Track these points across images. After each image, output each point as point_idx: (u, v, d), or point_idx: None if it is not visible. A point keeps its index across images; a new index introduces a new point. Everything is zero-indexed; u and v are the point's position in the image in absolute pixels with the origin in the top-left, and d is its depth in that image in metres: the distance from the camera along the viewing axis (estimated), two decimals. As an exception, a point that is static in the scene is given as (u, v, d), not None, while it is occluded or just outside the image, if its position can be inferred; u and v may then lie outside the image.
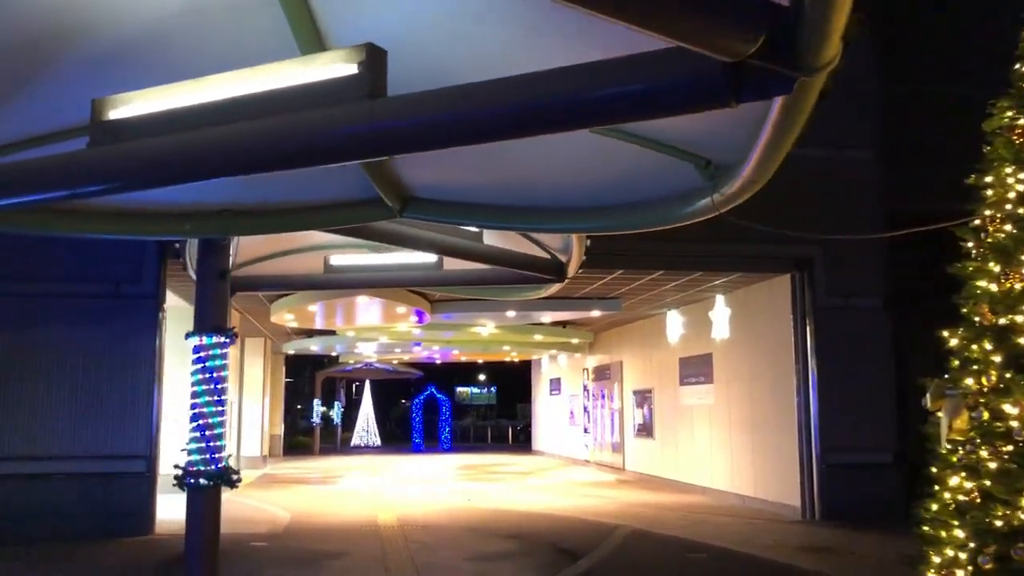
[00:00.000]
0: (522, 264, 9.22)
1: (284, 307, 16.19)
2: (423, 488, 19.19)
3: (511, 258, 9.10)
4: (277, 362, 32.56)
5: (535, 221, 5.98)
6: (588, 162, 4.97)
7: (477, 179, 5.60)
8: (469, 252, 8.57)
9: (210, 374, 6.36)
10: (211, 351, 6.37)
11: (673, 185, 4.96)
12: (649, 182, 5.19)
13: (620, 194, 5.41)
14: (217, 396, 6.34)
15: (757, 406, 15.32)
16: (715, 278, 14.75)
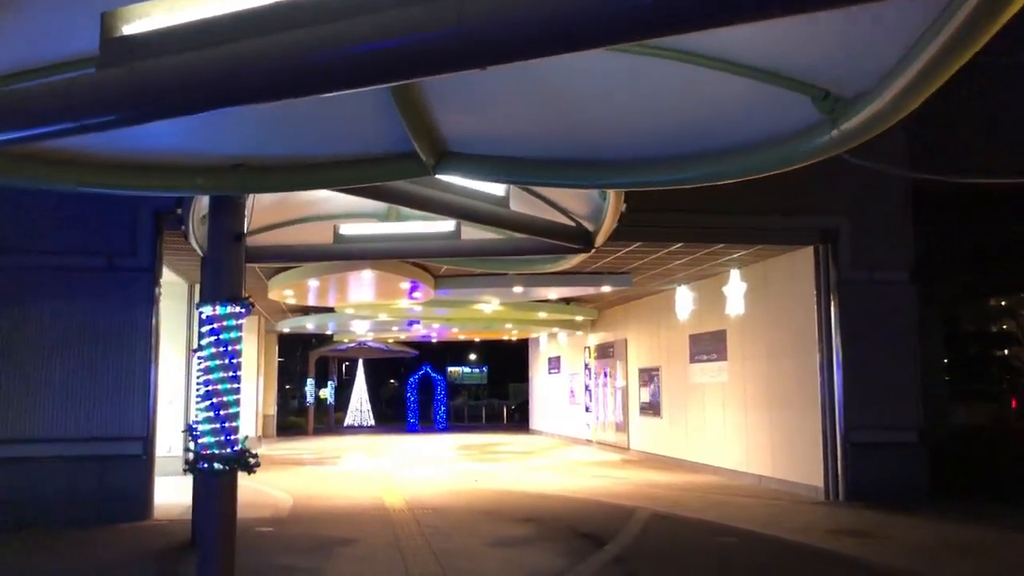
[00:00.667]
0: (549, 232, 8.62)
1: (283, 283, 15.55)
2: (425, 469, 18.66)
3: (538, 226, 8.50)
4: (270, 341, 31.95)
5: (600, 176, 5.32)
6: (671, 100, 4.34)
7: (528, 128, 4.98)
8: (495, 218, 7.96)
9: (224, 348, 5.75)
10: (225, 322, 5.76)
11: (778, 124, 4.31)
12: (748, 121, 4.56)
13: (713, 137, 4.77)
14: (232, 372, 5.74)
15: (776, 384, 14.81)
16: (735, 251, 14.19)
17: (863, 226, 13.48)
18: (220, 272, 5.96)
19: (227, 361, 5.76)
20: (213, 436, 5.78)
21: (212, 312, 5.79)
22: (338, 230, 9.62)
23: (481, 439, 29.58)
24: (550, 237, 8.68)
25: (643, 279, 17.33)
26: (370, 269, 13.87)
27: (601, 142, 4.98)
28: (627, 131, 4.81)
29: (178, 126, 5.04)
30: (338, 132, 5.35)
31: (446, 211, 7.70)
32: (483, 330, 25.72)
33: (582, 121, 4.73)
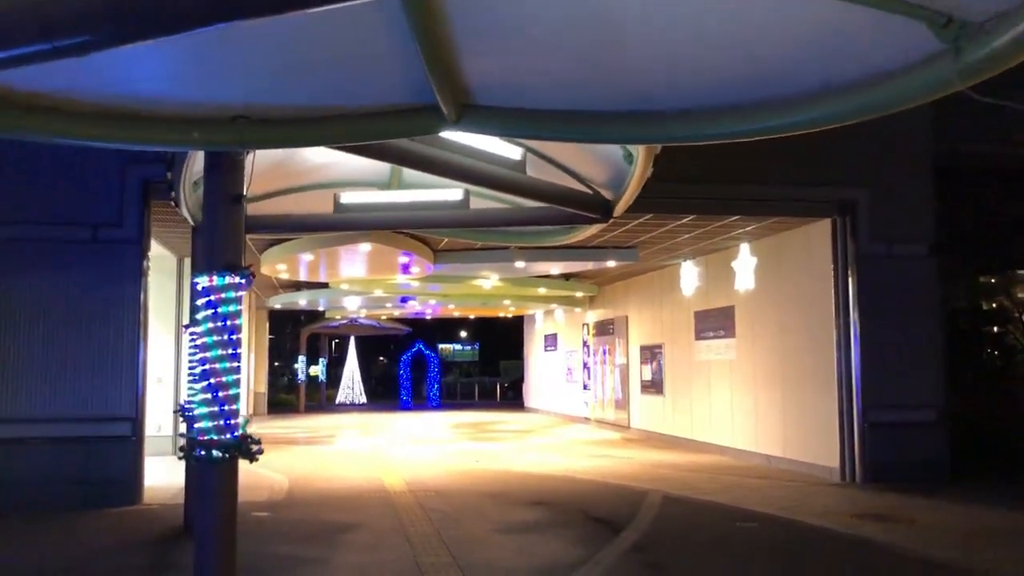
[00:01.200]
0: (566, 200, 8.04)
1: (276, 257, 14.94)
2: (423, 448, 18.15)
3: (556, 193, 7.91)
4: (261, 318, 31.39)
5: (655, 129, 4.67)
6: (750, 32, 3.74)
7: (568, 70, 4.38)
8: (511, 184, 7.38)
9: (223, 323, 5.16)
10: (223, 295, 5.16)
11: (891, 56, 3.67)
12: (846, 54, 3.97)
13: (800, 78, 4.19)
14: (231, 350, 5.17)
15: (788, 361, 14.33)
16: (749, 223, 13.65)
17: (882, 197, 12.96)
18: (217, 238, 5.36)
19: (226, 337, 5.17)
20: (211, 420, 5.20)
21: (209, 283, 5.20)
22: (338, 199, 9.01)
23: (476, 417, 29.11)
24: (567, 205, 8.10)
25: (648, 254, 16.80)
26: (367, 242, 13.28)
27: (656, 86, 4.39)
28: (691, 73, 4.21)
29: (171, 70, 4.44)
30: (348, 80, 4.74)
31: (458, 175, 7.11)
32: (480, 307, 25.19)
33: (636, 59, 4.12)
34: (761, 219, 13.36)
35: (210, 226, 5.47)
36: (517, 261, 16.21)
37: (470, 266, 16.84)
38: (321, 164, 9.46)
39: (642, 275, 20.75)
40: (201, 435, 5.22)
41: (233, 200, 5.42)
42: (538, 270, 18.00)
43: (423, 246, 15.01)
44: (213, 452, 5.17)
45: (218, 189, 5.44)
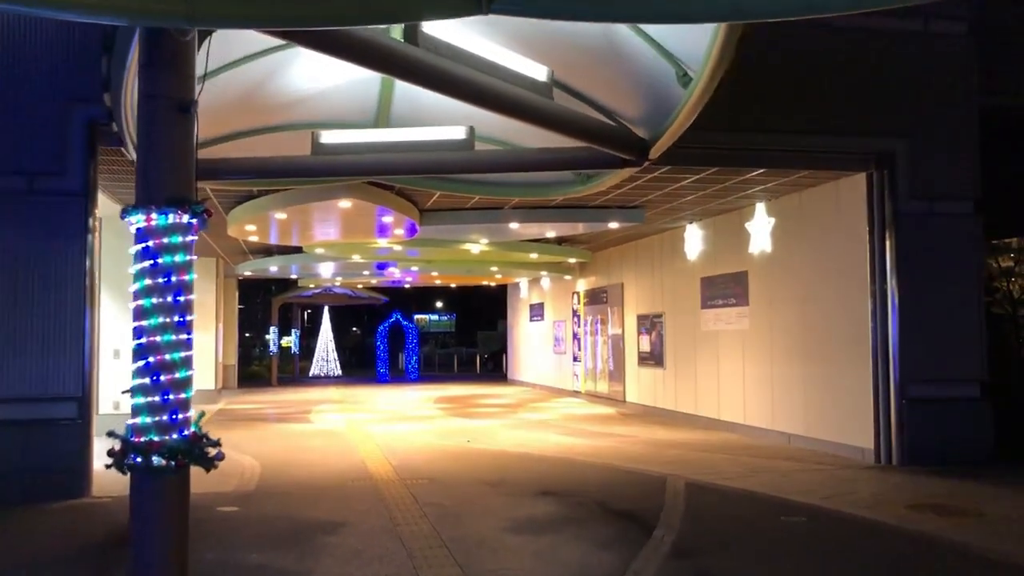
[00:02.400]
0: (600, 136, 6.62)
1: (246, 215, 13.39)
2: (407, 426, 16.77)
3: (588, 127, 6.49)
4: (230, 287, 29.75)
5: None
6: None
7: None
8: (533, 111, 5.95)
9: (165, 279, 3.72)
10: (166, 239, 3.72)
11: None
12: None
13: None
14: (178, 317, 3.73)
15: (811, 331, 13.06)
16: (771, 178, 12.28)
17: (923, 150, 11.65)
18: (156, 162, 3.88)
19: (169, 300, 3.75)
20: (150, 414, 3.76)
21: (146, 223, 3.75)
22: (317, 138, 7.52)
23: (458, 391, 27.76)
24: (600, 143, 6.68)
25: (654, 215, 15.42)
26: (347, 199, 11.78)
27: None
28: None
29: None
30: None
31: (469, 94, 5.64)
32: (465, 274, 23.73)
33: None
34: (788, 173, 12.00)
35: (147, 145, 3.98)
36: (511, 222, 14.77)
37: (459, 228, 15.37)
38: (296, 99, 7.97)
39: (640, 239, 19.39)
40: (137, 435, 3.77)
41: (179, 108, 3.95)
42: (531, 232, 16.56)
43: (408, 204, 13.52)
44: (153, 458, 3.73)
45: (158, 92, 3.95)
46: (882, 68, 11.70)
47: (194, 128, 4.08)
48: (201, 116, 7.18)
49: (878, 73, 11.68)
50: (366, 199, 11.85)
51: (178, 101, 3.94)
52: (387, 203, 12.49)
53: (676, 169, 11.50)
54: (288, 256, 20.36)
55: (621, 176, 8.58)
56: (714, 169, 11.54)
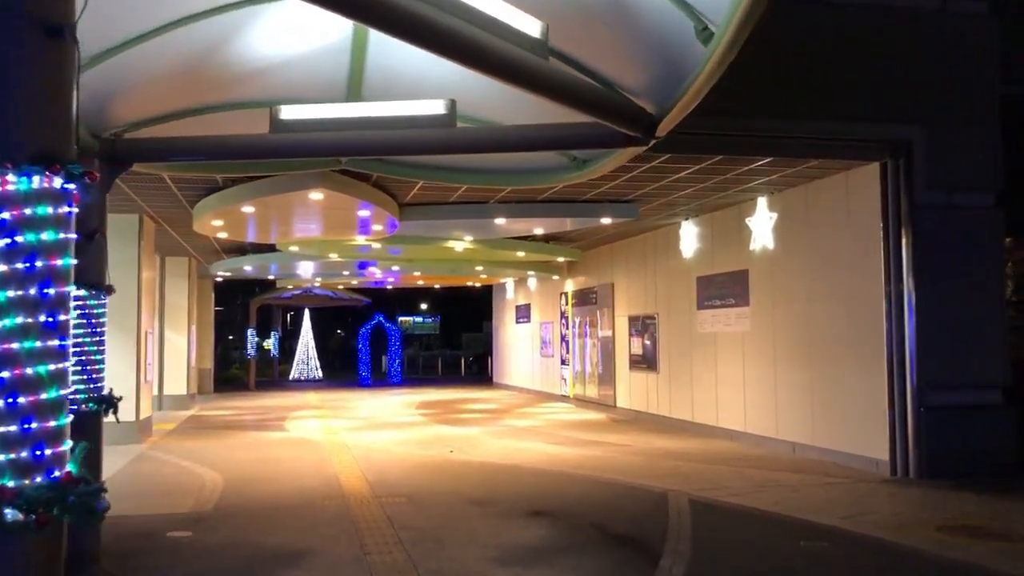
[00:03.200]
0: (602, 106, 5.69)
1: (210, 209, 12.40)
2: (386, 434, 15.79)
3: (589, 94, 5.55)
4: (205, 288, 28.69)
5: None
6: None
7: None
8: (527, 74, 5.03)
9: (28, 264, 2.76)
10: (29, 209, 2.76)
11: None
12: None
13: None
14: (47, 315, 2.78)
15: (818, 333, 12.18)
16: (777, 169, 11.39)
17: (941, 137, 10.80)
18: (15, 104, 2.93)
19: (34, 293, 2.79)
20: (3, 450, 2.80)
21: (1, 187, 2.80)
22: (277, 114, 6.56)
23: (442, 395, 26.79)
24: (602, 115, 5.75)
25: (647, 210, 14.52)
26: (318, 190, 10.82)
27: None
28: None
29: None
30: None
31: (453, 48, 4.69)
32: (448, 274, 22.77)
33: None
34: (795, 163, 11.11)
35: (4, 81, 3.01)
36: (497, 218, 13.84)
37: (441, 223, 14.44)
38: (254, 70, 7.00)
39: (632, 237, 18.50)
40: (-11, 477, 2.80)
41: (48, 32, 3.00)
42: (519, 229, 15.63)
43: (387, 198, 12.57)
44: (6, 511, 2.75)
45: (13, 6, 2.97)
46: (898, 49, 10.85)
47: (73, 61, 3.13)
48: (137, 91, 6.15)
49: (894, 55, 10.83)
50: (339, 190, 10.89)
51: (44, 21, 2.98)
52: (363, 195, 11.54)
53: (676, 158, 10.60)
54: (263, 255, 19.35)
55: (621, 159, 7.66)
56: (719, 158, 10.64)
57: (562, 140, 6.44)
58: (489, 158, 9.57)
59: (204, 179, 11.47)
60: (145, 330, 15.06)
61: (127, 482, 10.67)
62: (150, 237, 15.54)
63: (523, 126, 6.44)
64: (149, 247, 15.48)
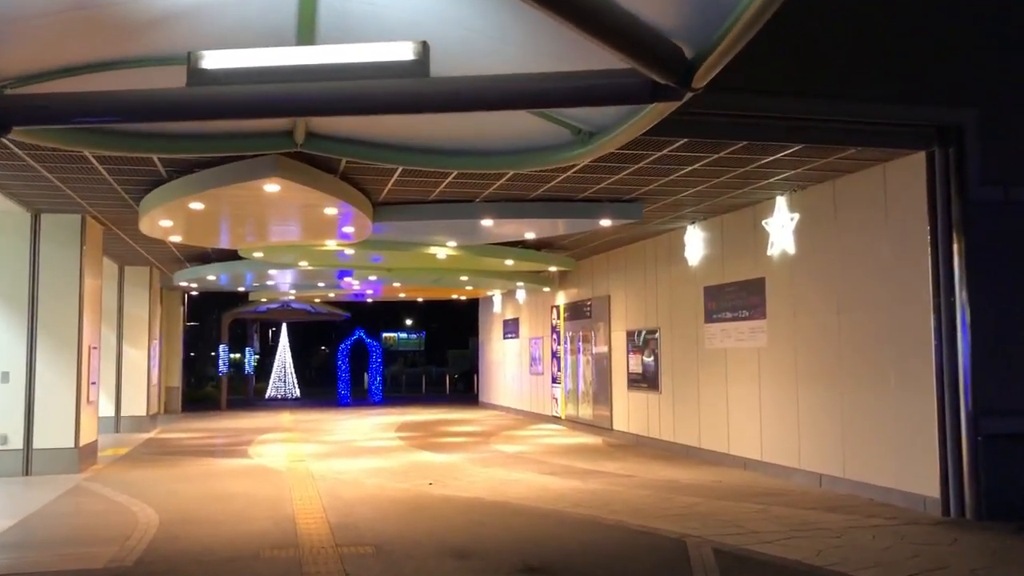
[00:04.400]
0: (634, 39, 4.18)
1: (156, 206, 10.80)
2: (360, 462, 14.16)
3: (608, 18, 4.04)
4: (173, 300, 27.08)
5: None
6: None
7: None
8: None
9: None
10: None
11: None
12: None
13: None
14: None
15: (850, 349, 10.68)
16: (803, 161, 9.90)
17: (999, 122, 9.36)
18: None
19: None
20: None
21: None
22: (196, 62, 5.01)
23: (424, 416, 25.16)
24: (627, 50, 4.23)
25: (651, 212, 13.02)
26: (273, 180, 9.24)
27: None
28: None
29: None
30: None
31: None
32: (430, 286, 21.19)
33: None
34: (826, 153, 9.61)
35: None
36: (484, 219, 12.31)
37: (421, 225, 12.89)
38: (174, 14, 5.44)
39: (630, 245, 17.01)
40: None
41: None
42: (508, 233, 14.06)
43: (358, 194, 11.01)
44: None
45: None
46: (949, 20, 9.42)
47: None
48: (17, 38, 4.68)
49: (943, 28, 9.40)
50: (300, 181, 9.33)
51: None
52: (329, 190, 9.97)
53: (693, 144, 9.09)
54: (227, 264, 17.72)
55: (641, 125, 6.11)
56: (740, 145, 9.13)
57: (571, 93, 4.88)
58: (474, 135, 8.04)
59: (144, 170, 9.89)
60: (88, 344, 13.41)
61: (42, 525, 9.01)
62: (96, 241, 13.92)
63: (520, 75, 4.92)
64: (95, 252, 13.85)
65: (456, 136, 8.11)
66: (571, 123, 7.01)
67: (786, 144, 9.16)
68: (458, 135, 8.08)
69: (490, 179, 10.44)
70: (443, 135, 8.07)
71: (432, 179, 10.43)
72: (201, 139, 7.86)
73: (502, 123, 7.40)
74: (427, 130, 7.95)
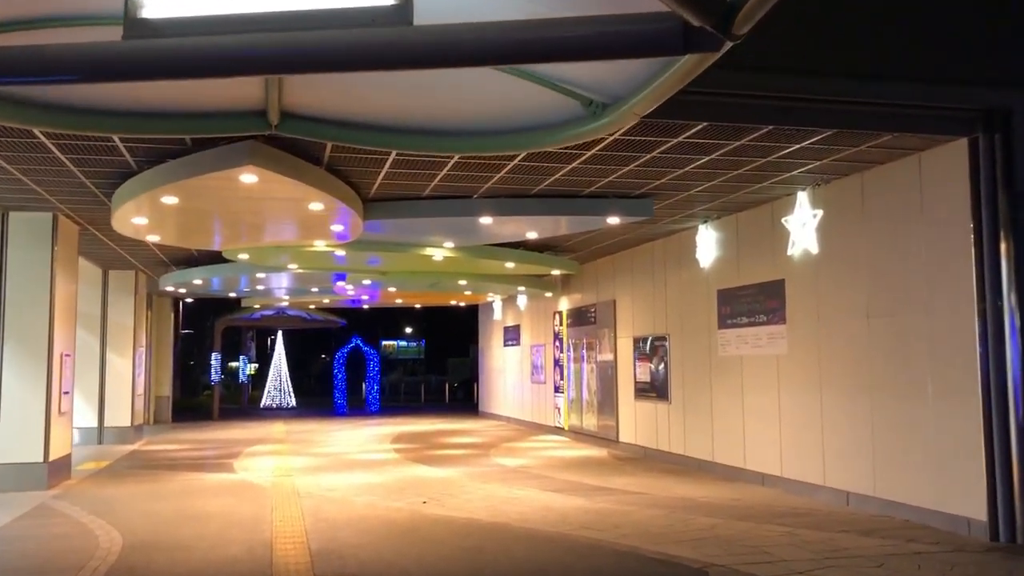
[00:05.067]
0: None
1: (127, 199, 9.93)
2: (350, 477, 13.28)
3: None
4: (164, 306, 26.27)
5: None
6: None
7: None
8: None
9: None
10: None
11: None
12: None
13: None
14: None
15: (881, 356, 9.80)
16: (834, 149, 9.04)
17: (1049, 105, 8.49)
18: None
19: None
20: None
21: None
22: (135, 10, 4.17)
23: (422, 426, 24.28)
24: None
25: (658, 210, 12.17)
26: (251, 170, 8.38)
27: None
28: None
29: None
30: None
31: None
32: (428, 290, 20.32)
33: None
34: (857, 139, 8.75)
35: None
36: (483, 216, 11.46)
37: (416, 224, 12.05)
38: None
39: (637, 247, 16.16)
40: None
41: None
42: (508, 233, 13.21)
43: (346, 189, 10.16)
44: None
45: None
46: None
47: None
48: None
49: (991, 1, 8.56)
50: (279, 171, 8.48)
51: None
52: (314, 182, 9.12)
53: (714, 130, 8.23)
54: (213, 267, 16.86)
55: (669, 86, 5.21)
56: (766, 130, 8.27)
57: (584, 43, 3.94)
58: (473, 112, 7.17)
59: (112, 160, 9.05)
60: (60, 352, 12.54)
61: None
62: (70, 241, 13.07)
63: (521, 22, 4.05)
64: (68, 253, 12.99)
65: (453, 115, 7.25)
66: (582, 93, 6.15)
67: (816, 129, 8.30)
68: (455, 114, 7.22)
69: (490, 170, 9.60)
70: (438, 114, 7.22)
71: (427, 171, 9.59)
72: (161, 118, 7.02)
73: (503, 96, 6.54)
74: (420, 108, 7.09)
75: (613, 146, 8.68)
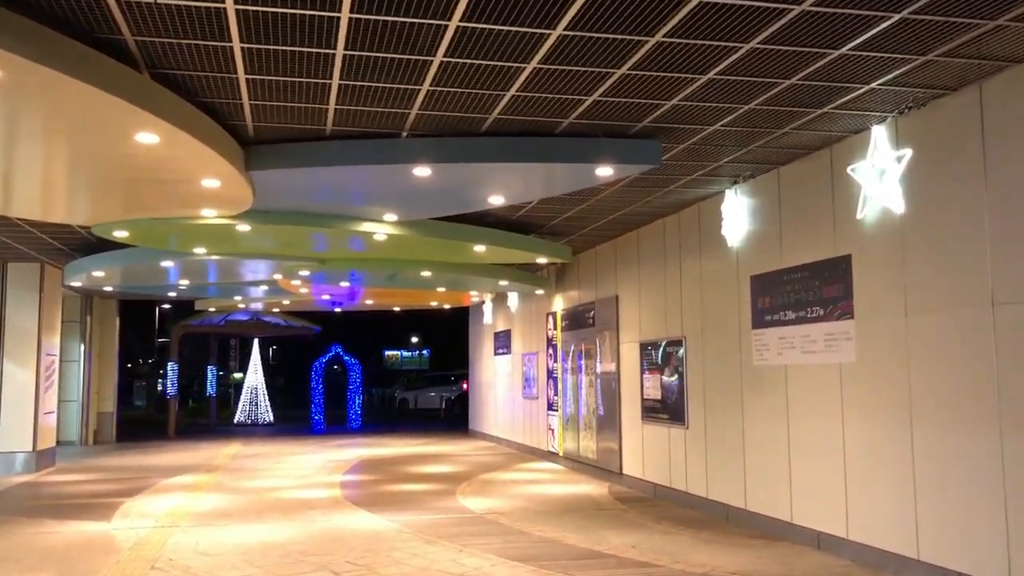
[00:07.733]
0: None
1: None
2: (253, 531, 9.82)
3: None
4: (107, 310, 23.08)
5: None
6: None
7: None
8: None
9: None
10: None
11: None
12: None
13: None
14: None
15: (1013, 367, 6.23)
16: (939, 41, 5.52)
17: None
18: None
19: None
20: None
21: None
22: None
23: (397, 449, 20.82)
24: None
25: (671, 161, 8.70)
26: None
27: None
28: None
29: None
30: None
31: None
32: (388, 286, 16.81)
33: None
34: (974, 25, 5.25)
35: None
36: (417, 166, 7.99)
37: (329, 179, 8.60)
38: None
39: (644, 227, 12.66)
40: None
41: None
42: (464, 195, 9.66)
43: (197, 114, 6.72)
44: None
45: None
46: None
47: None
48: None
49: None
50: (44, 61, 5.03)
51: None
52: (127, 94, 5.66)
53: None
54: (111, 254, 13.43)
55: None
56: None
57: None
58: None
59: None
60: None
61: None
62: None
63: None
64: None
65: None
66: None
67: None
68: None
69: (415, 81, 6.16)
70: None
71: (317, 80, 6.15)
72: None
73: None
74: None
75: (594, 22, 5.23)
